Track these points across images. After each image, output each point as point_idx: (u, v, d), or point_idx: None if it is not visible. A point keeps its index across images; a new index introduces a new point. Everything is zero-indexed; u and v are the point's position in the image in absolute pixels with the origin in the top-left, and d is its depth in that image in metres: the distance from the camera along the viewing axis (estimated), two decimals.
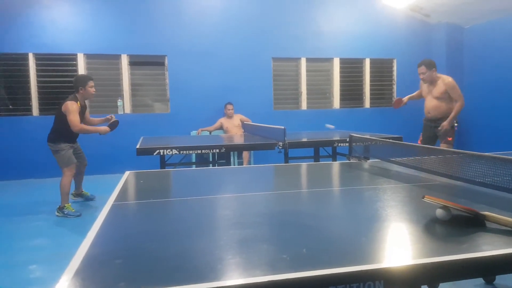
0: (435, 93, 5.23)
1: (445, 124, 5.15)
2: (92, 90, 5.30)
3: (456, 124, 5.24)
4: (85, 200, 5.76)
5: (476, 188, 1.98)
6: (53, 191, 5.75)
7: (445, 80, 5.18)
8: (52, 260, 3.53)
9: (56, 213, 5.00)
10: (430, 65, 5.21)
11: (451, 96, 5.15)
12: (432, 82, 5.26)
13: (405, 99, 5.68)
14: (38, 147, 6.32)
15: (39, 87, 7.59)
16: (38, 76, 7.58)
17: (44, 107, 7.59)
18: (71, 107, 5.01)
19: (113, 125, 5.34)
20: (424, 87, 5.42)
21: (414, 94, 5.69)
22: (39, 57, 7.58)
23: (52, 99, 7.34)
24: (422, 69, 5.23)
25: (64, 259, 1.15)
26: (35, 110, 7.54)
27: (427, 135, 5.44)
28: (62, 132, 5.13)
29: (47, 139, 5.18)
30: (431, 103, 5.31)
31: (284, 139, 4.35)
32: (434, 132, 5.33)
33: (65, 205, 5.01)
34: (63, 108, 5.08)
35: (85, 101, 5.45)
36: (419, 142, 5.45)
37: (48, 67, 7.63)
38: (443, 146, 5.16)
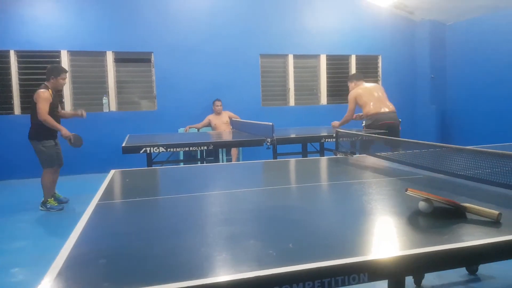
0: None
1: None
2: (64, 82, 5.24)
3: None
4: (59, 202, 5.28)
5: (457, 181, 2.02)
6: (34, 191, 5.59)
7: None
8: (34, 262, 3.47)
9: (40, 208, 4.97)
10: (350, 78, 6.09)
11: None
12: None
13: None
14: (20, 146, 6.26)
15: (21, 85, 7.47)
16: (20, 74, 7.47)
17: (26, 106, 7.36)
18: (43, 95, 4.95)
19: (76, 144, 5.21)
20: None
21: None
22: (21, 54, 7.46)
23: None
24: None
25: (47, 261, 1.13)
26: (17, 109, 7.43)
27: None
28: (44, 127, 4.97)
29: (29, 136, 5.03)
30: None
31: (273, 135, 4.36)
32: None
33: (48, 199, 4.96)
34: (35, 96, 4.98)
35: (58, 97, 5.38)
36: None
37: (31, 65, 7.52)
38: None
